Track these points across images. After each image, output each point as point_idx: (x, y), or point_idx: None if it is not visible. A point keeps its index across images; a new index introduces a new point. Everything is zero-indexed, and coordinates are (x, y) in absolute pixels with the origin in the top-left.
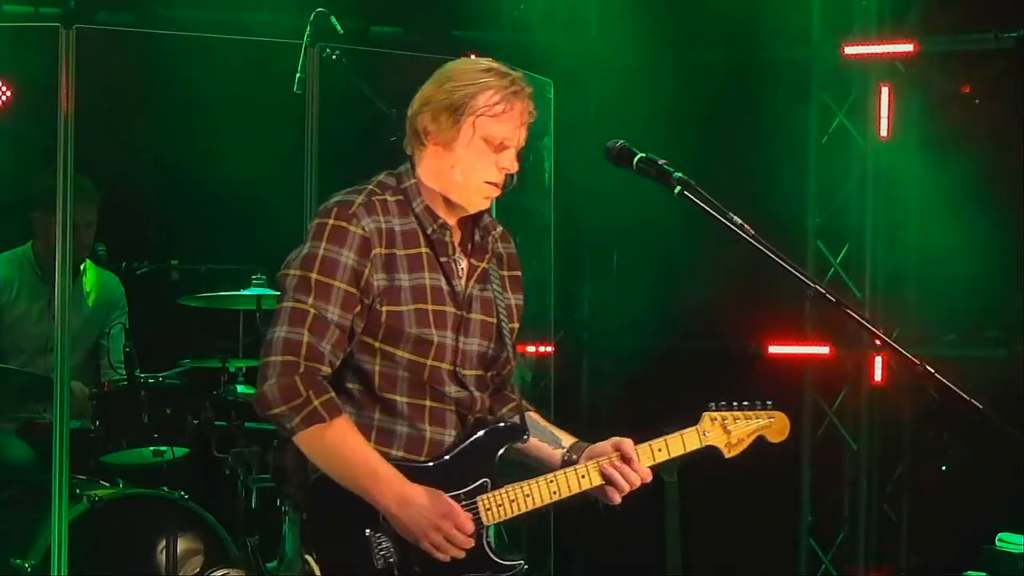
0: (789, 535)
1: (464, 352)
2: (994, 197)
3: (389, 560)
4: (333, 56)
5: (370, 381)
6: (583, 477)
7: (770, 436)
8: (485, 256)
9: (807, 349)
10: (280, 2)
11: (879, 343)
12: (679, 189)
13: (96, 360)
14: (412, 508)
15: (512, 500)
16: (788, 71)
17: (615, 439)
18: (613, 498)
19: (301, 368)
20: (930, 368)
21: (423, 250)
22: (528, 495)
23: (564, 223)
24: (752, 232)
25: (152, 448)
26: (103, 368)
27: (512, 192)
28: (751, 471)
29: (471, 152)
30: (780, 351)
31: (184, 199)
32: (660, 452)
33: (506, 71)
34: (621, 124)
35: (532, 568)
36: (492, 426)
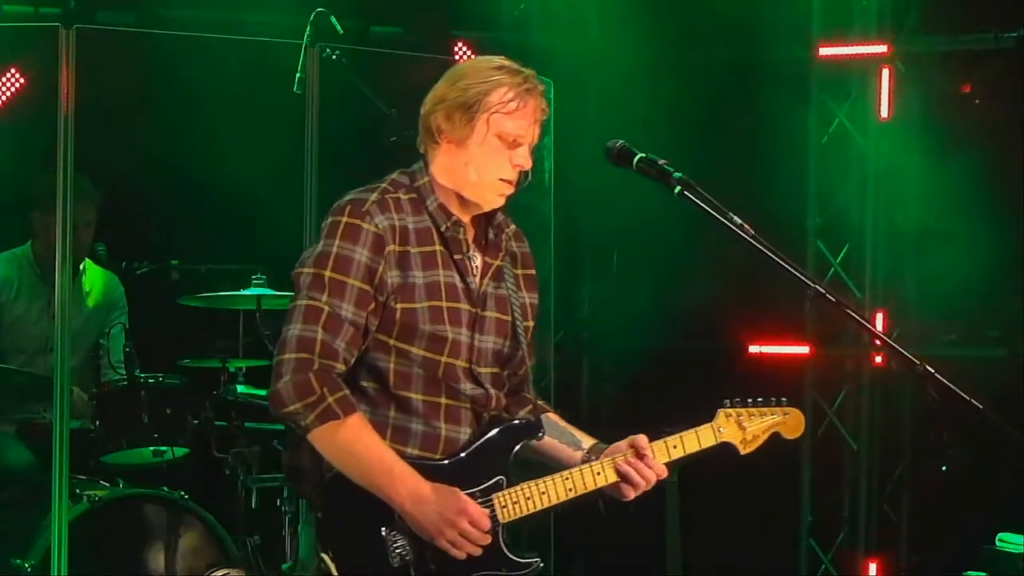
0: (789, 535)
1: (479, 349)
2: (994, 197)
3: (405, 558)
4: (333, 56)
5: (385, 379)
6: (598, 474)
7: (785, 432)
8: (499, 254)
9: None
10: (280, 2)
11: (879, 343)
12: (679, 189)
13: (96, 360)
14: (427, 505)
15: (528, 498)
16: (788, 71)
17: (631, 437)
18: (628, 495)
19: (315, 365)
20: (930, 368)
21: (437, 248)
22: (544, 492)
23: (564, 223)
24: (752, 232)
25: (152, 448)
26: (103, 368)
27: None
28: (751, 471)
29: (485, 149)
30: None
31: (184, 199)
32: (675, 449)
33: (519, 68)
34: (621, 124)
35: None
36: (507, 423)
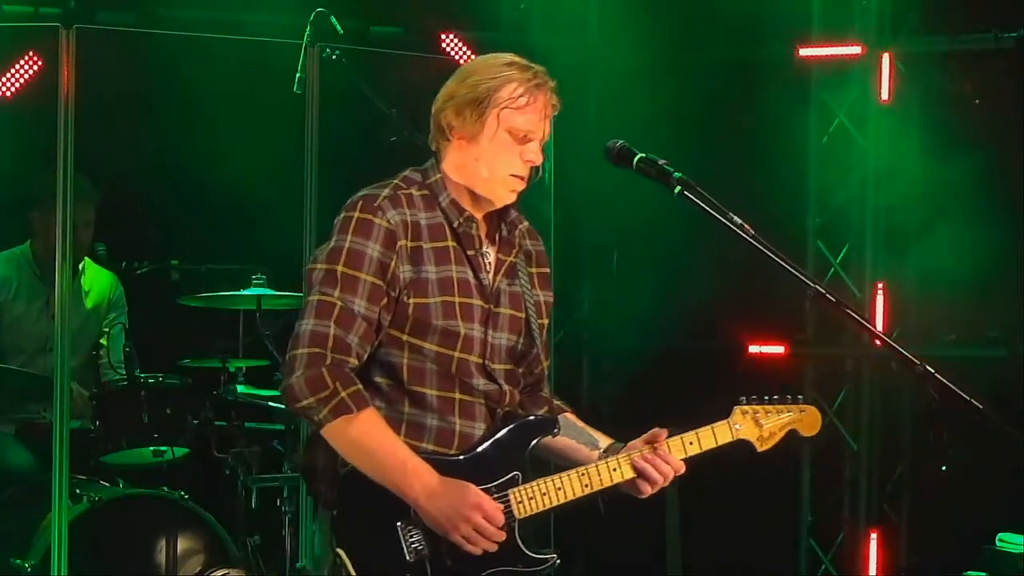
0: (789, 535)
1: (493, 346)
2: (994, 197)
3: (421, 553)
4: (333, 56)
5: (398, 375)
6: (615, 470)
7: (802, 430)
8: (512, 250)
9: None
10: (280, 2)
11: (879, 343)
12: (679, 189)
13: (96, 360)
14: (441, 500)
15: (544, 493)
16: (788, 71)
17: (648, 434)
18: (645, 491)
19: (328, 360)
20: (930, 368)
21: (450, 243)
22: (560, 488)
23: (564, 223)
24: (752, 232)
25: (152, 448)
26: (103, 368)
27: None
28: (751, 471)
29: (495, 145)
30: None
31: (184, 199)
32: (692, 445)
33: (529, 64)
34: (621, 124)
35: None
36: (522, 420)
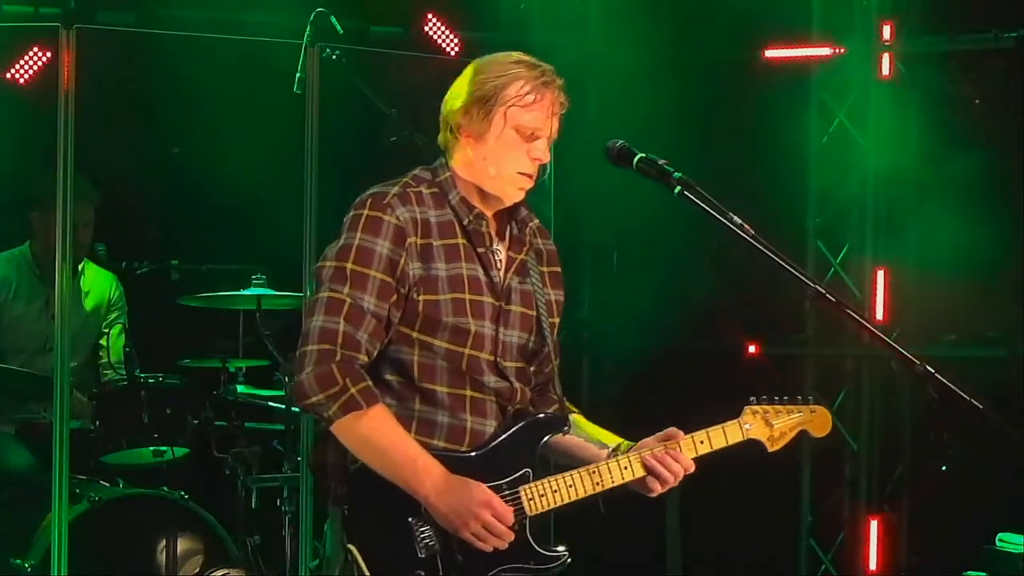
0: (789, 535)
1: (504, 343)
2: (994, 197)
3: (432, 548)
4: (333, 56)
5: (409, 372)
6: (625, 468)
7: (813, 430)
8: (523, 248)
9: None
10: (280, 2)
11: (879, 343)
12: (679, 189)
13: (96, 360)
14: (451, 497)
15: (555, 490)
16: (788, 71)
17: (663, 432)
18: (656, 489)
19: (338, 356)
20: (930, 368)
21: (460, 241)
22: (571, 486)
23: (564, 223)
24: (752, 232)
25: (152, 448)
26: (103, 368)
27: None
28: (751, 471)
29: (503, 143)
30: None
31: (184, 199)
32: (702, 444)
33: (536, 63)
34: (621, 124)
35: None
36: (533, 417)
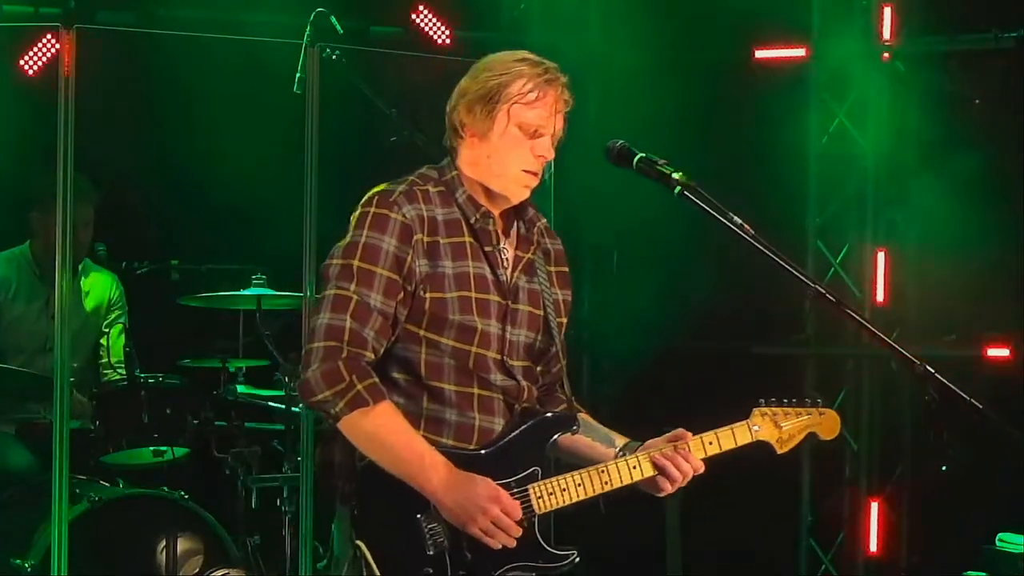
0: (789, 535)
1: (511, 342)
2: (994, 197)
3: (441, 545)
4: (333, 56)
5: (416, 370)
6: (635, 468)
7: (821, 433)
8: (531, 247)
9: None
10: (280, 2)
11: (879, 343)
12: (679, 189)
13: (96, 360)
14: (458, 493)
15: (563, 489)
16: (788, 71)
17: (671, 433)
18: (665, 489)
19: (344, 353)
20: (930, 368)
21: (466, 239)
22: (580, 484)
23: (564, 223)
24: (752, 232)
25: (152, 448)
26: (103, 368)
27: None
28: (751, 471)
29: (506, 141)
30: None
31: (184, 199)
32: (711, 445)
33: (539, 60)
34: (621, 124)
35: None
36: (542, 416)
